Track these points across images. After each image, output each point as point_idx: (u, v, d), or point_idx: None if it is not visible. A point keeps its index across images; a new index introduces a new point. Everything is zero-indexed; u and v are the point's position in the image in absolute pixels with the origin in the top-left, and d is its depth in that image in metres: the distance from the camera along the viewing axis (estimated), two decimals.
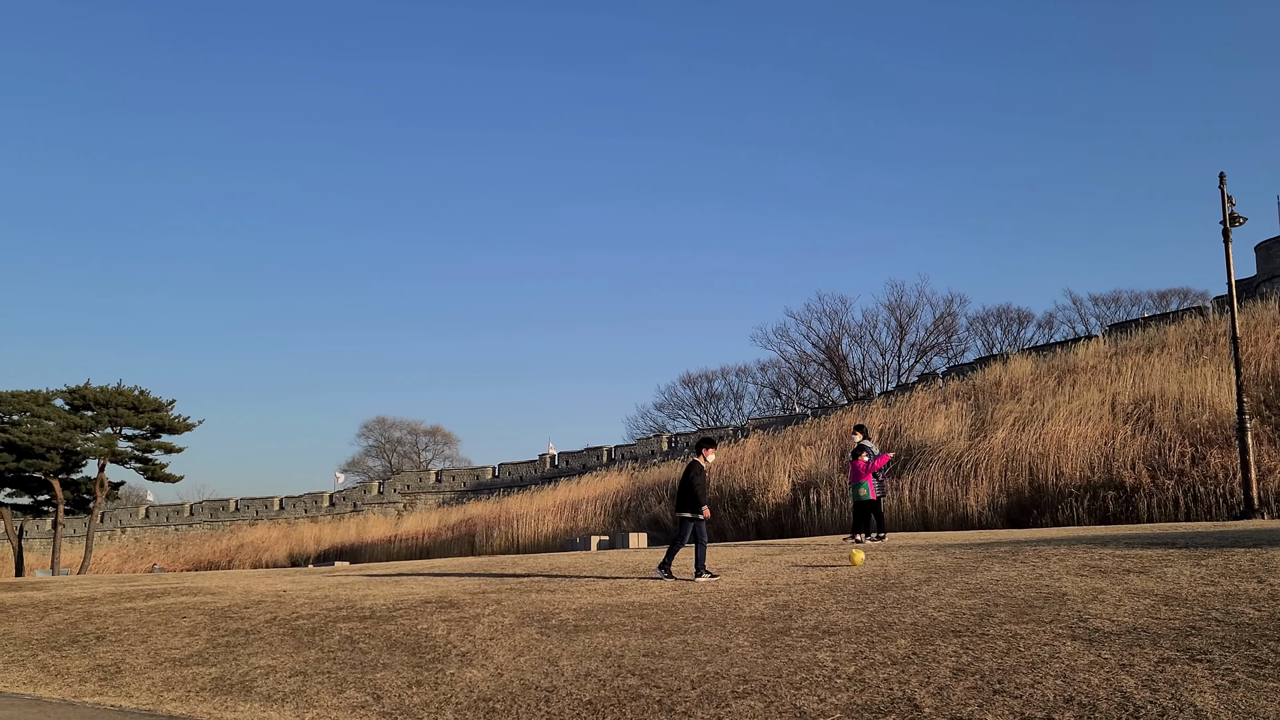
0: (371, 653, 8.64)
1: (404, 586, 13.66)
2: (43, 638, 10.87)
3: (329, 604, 11.74)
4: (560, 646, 8.24)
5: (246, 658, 8.88)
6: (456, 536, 47.46)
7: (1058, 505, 24.60)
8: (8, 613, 13.12)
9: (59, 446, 44.30)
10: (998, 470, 27.22)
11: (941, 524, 26.58)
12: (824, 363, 77.77)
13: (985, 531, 22.47)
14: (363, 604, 11.55)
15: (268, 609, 11.68)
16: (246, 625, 10.56)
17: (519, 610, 10.18)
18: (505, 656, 8.05)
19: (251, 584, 15.59)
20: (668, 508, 38.70)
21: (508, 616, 9.82)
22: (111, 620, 11.63)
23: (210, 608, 12.15)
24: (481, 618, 9.87)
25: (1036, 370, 39.43)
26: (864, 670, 6.77)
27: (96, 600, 13.81)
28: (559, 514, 42.91)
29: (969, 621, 7.97)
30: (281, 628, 10.22)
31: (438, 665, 8.01)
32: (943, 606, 8.69)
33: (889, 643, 7.48)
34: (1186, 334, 36.89)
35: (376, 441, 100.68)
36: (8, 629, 11.72)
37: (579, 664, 7.60)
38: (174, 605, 12.63)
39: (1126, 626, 7.36)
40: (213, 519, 79.73)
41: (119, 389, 45.99)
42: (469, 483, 76.69)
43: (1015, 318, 75.08)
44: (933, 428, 32.24)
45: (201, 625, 10.78)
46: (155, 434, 48.04)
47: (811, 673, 6.83)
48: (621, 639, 8.35)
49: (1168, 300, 68.99)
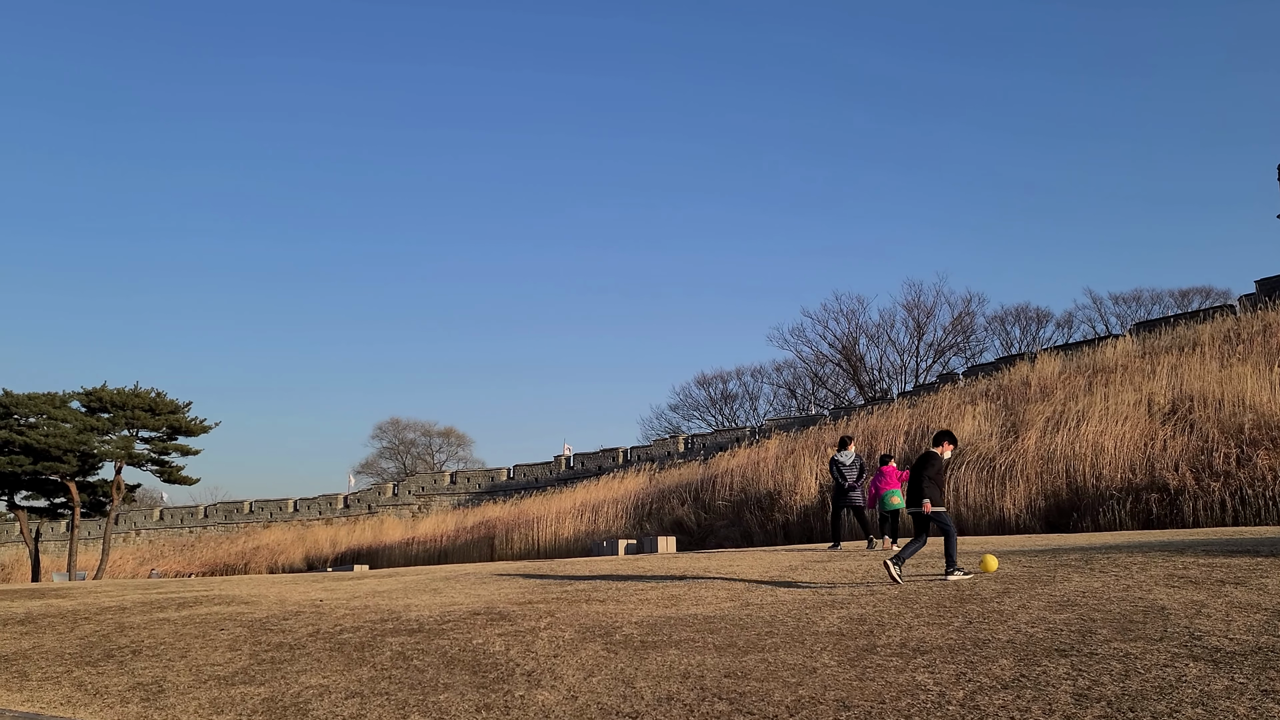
0: (429, 671, 8.16)
1: (445, 596, 13.19)
2: (75, 652, 10.41)
3: (372, 615, 11.27)
4: (632, 665, 7.75)
5: (295, 676, 8.41)
6: (475, 540, 46.99)
7: (1099, 508, 24.01)
8: (36, 624, 12.68)
9: (76, 449, 43.96)
10: (1034, 472, 26.65)
11: (977, 528, 26.02)
12: (840, 363, 77.23)
13: (1028, 536, 21.93)
14: (407, 615, 11.08)
15: (308, 620, 11.22)
16: (289, 639, 10.09)
17: (576, 624, 9.69)
18: (575, 676, 7.56)
19: (284, 592, 15.13)
20: (691, 510, 38.19)
21: (566, 631, 9.33)
22: (145, 632, 11.18)
23: (247, 619, 11.69)
24: (538, 632, 9.39)
25: (1065, 370, 38.86)
26: (974, 695, 6.26)
27: (126, 610, 13.36)
28: (578, 517, 42.41)
29: (1070, 639, 7.45)
30: (327, 642, 9.75)
31: (503, 686, 7.52)
32: (1034, 621, 8.17)
33: (990, 663, 6.97)
34: (1219, 332, 36.29)
35: (390, 443, 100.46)
36: (37, 642, 11.27)
37: (657, 686, 7.10)
38: (208, 616, 12.18)
39: (1249, 646, 6.84)
40: (226, 521, 79.57)
41: (136, 391, 45.64)
42: (484, 484, 76.37)
43: (1034, 317, 74.48)
44: (962, 428, 31.67)
45: (241, 639, 10.31)
46: (172, 436, 47.70)
47: (916, 697, 6.33)
48: (696, 657, 7.86)
49: (1189, 299, 68.28)
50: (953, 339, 74.83)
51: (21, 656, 10.39)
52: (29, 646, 10.99)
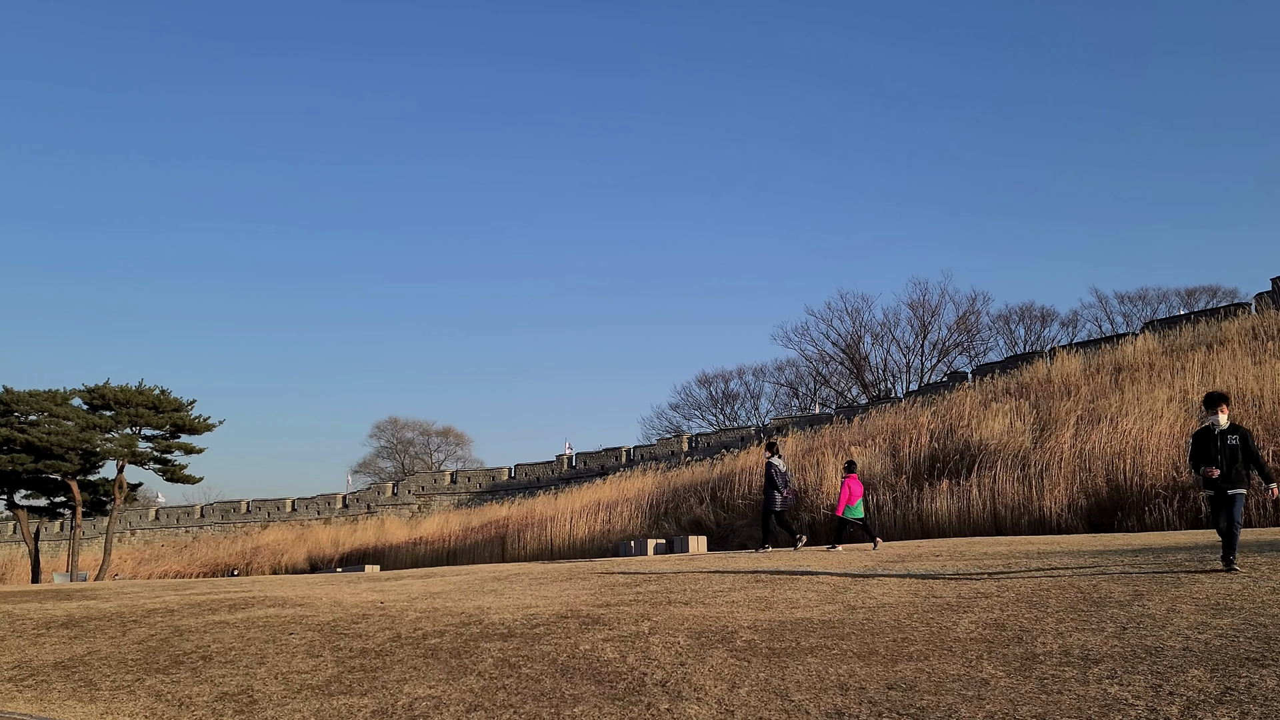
0: (545, 680, 7.54)
1: (510, 598, 12.56)
2: (138, 658, 9.74)
3: (448, 619, 10.63)
4: (775, 675, 7.14)
5: (396, 686, 7.77)
6: (485, 540, 46.25)
7: (1144, 507, 23.51)
8: (81, 627, 12.00)
9: (78, 447, 43.11)
10: (1071, 471, 26.14)
11: (1016, 527, 25.51)
12: (844, 362, 76.77)
13: (1076, 536, 21.39)
14: (487, 618, 10.44)
15: (379, 624, 10.58)
16: (369, 644, 9.45)
17: (682, 628, 9.07)
18: (719, 688, 6.95)
19: (333, 593, 14.46)
20: (710, 510, 37.59)
21: (677, 636, 8.71)
22: (208, 636, 10.51)
23: (312, 622, 11.04)
24: (646, 637, 8.77)
25: (1087, 367, 38.43)
26: (1191, 710, 5.68)
27: (175, 612, 12.69)
28: (591, 516, 41.70)
29: (1255, 647, 6.87)
30: (414, 648, 9.11)
31: (639, 698, 6.90)
32: (1197, 627, 7.60)
33: (1181, 674, 6.38)
34: (1245, 329, 35.88)
35: (388, 442, 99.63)
36: (91, 647, 10.60)
37: (817, 699, 6.50)
38: (268, 619, 11.52)
39: None
40: (224, 521, 78.63)
41: (139, 388, 44.78)
42: (484, 484, 75.63)
43: (1039, 316, 74.18)
44: (992, 426, 31.16)
45: (317, 644, 9.66)
46: (175, 434, 46.87)
47: (1126, 714, 5.73)
48: (841, 666, 7.25)
49: (1196, 298, 68.10)
50: (957, 338, 74.50)
51: (80, 663, 9.72)
52: (83, 652, 10.32)
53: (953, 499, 27.16)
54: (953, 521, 26.86)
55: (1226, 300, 63.93)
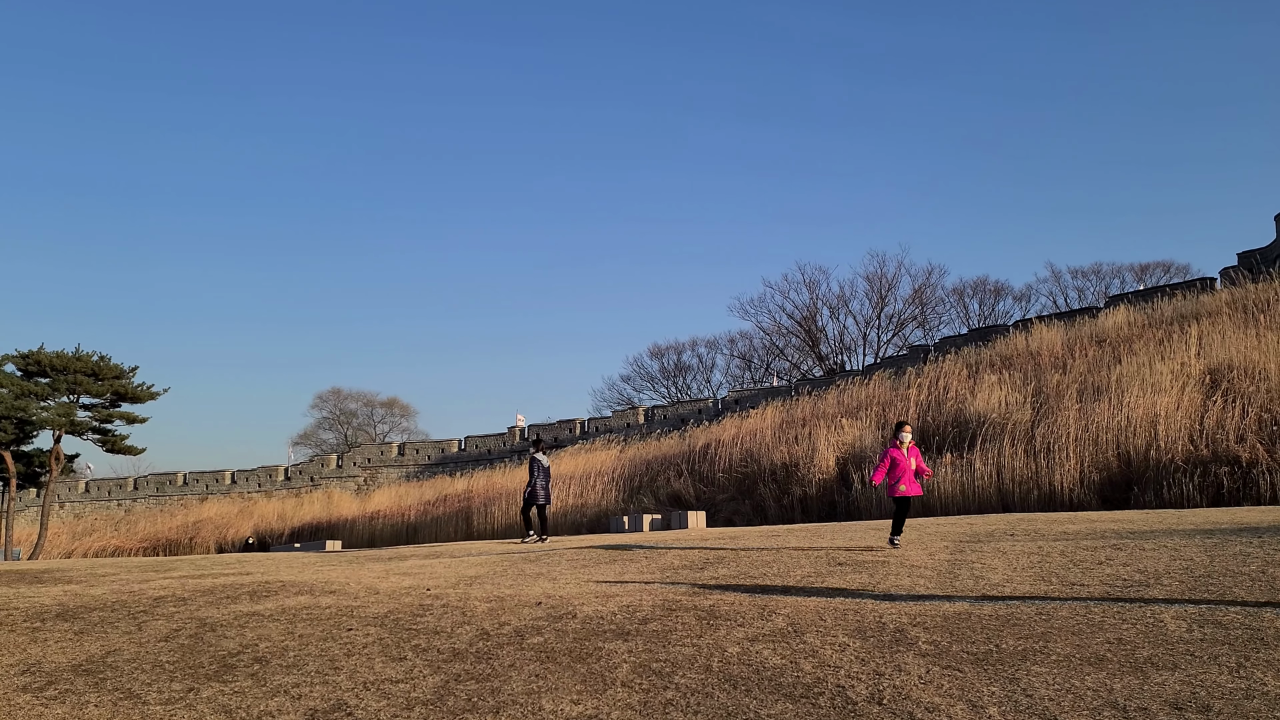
0: (717, 694, 6.26)
1: (567, 583, 11.24)
2: (173, 660, 8.22)
3: (528, 610, 9.28)
4: (1006, 689, 5.95)
5: (527, 700, 6.43)
6: (447, 514, 44.69)
7: (1161, 481, 22.95)
8: (82, 619, 10.38)
9: (11, 415, 40.50)
10: (1078, 444, 25.52)
11: (1024, 503, 24.82)
12: (800, 334, 76.26)
13: (1094, 513, 20.64)
14: (574, 610, 9.11)
15: (450, 618, 9.18)
16: (456, 644, 8.06)
17: (825, 623, 7.86)
18: (955, 707, 5.73)
19: (357, 576, 12.96)
20: (689, 483, 36.53)
21: (835, 633, 7.49)
22: (249, 632, 9.02)
23: (365, 615, 9.60)
24: (796, 635, 7.53)
25: (1068, 340, 37.99)
26: None
27: (187, 601, 11.12)
28: (562, 490, 40.37)
29: None
30: (515, 649, 7.76)
31: (851, 713, 5.67)
32: None
33: None
34: (1231, 302, 35.70)
35: (330, 414, 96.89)
36: (106, 645, 9.01)
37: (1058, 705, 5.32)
38: (307, 610, 10.03)
39: None
40: (159, 494, 75.66)
41: (77, 354, 42.16)
42: (434, 456, 73.77)
43: (993, 290, 74.33)
44: (987, 399, 30.50)
45: (389, 644, 8.25)
46: (116, 403, 44.38)
47: None
48: (1076, 678, 6.10)
49: (1149, 273, 68.69)
50: (913, 311, 74.38)
51: (104, 666, 8.18)
52: (100, 651, 8.76)
53: (962, 473, 26.39)
54: (957, 498, 26.11)
55: (1179, 276, 64.57)
